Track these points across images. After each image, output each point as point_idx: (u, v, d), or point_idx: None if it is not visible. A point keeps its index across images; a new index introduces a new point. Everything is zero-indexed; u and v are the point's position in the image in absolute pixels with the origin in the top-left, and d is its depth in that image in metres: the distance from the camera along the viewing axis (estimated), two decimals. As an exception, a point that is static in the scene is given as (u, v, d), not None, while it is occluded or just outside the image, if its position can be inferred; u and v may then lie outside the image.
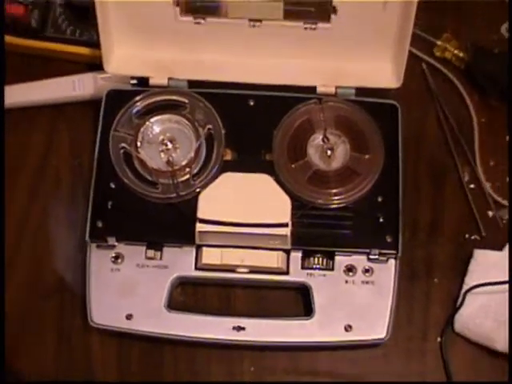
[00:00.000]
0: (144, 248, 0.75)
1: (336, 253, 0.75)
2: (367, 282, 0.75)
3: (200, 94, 0.78)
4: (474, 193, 0.81)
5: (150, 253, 0.75)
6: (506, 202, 0.80)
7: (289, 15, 0.76)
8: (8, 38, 0.83)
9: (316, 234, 0.75)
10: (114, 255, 0.75)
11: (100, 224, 0.75)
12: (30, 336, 0.76)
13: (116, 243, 0.75)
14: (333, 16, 0.76)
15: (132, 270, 0.75)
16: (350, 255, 0.75)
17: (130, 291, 0.74)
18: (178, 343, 0.75)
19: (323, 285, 0.74)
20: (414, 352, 0.76)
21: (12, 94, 0.82)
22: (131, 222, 0.75)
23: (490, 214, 0.80)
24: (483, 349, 0.76)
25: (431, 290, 0.78)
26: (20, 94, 0.83)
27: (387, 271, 0.75)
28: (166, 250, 0.75)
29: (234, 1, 0.75)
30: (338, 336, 0.73)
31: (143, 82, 0.80)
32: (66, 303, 0.77)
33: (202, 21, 0.77)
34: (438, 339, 0.76)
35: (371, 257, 0.75)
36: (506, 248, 0.78)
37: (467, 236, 0.80)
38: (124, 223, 0.75)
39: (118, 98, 0.78)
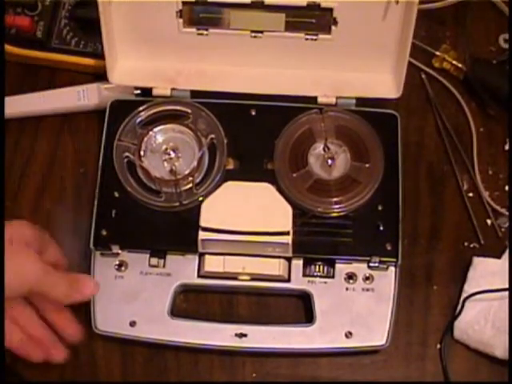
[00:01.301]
0: (147, 256, 0.76)
1: (336, 260, 0.75)
2: (367, 290, 0.75)
3: (202, 104, 0.79)
4: (473, 201, 0.81)
5: (154, 260, 0.75)
6: (504, 211, 0.81)
7: (290, 26, 0.77)
8: (14, 49, 0.84)
9: (317, 241, 0.75)
10: (117, 263, 0.76)
11: (104, 232, 0.75)
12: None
13: (120, 251, 0.76)
14: (333, 27, 0.76)
15: (135, 278, 0.75)
16: (350, 263, 0.75)
17: (133, 298, 0.75)
18: (181, 349, 0.75)
19: (324, 292, 0.75)
20: (413, 358, 0.76)
21: (18, 103, 0.83)
22: (135, 230, 0.76)
23: (489, 222, 0.81)
24: (482, 355, 0.76)
25: (431, 297, 0.78)
26: (26, 104, 0.83)
27: (387, 278, 0.75)
28: (169, 257, 0.76)
29: (236, 12, 0.76)
30: (339, 342, 0.74)
31: (147, 92, 0.80)
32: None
33: (205, 32, 0.78)
34: (438, 346, 0.76)
35: (371, 264, 0.75)
36: (505, 256, 0.78)
37: (466, 244, 0.80)
38: (128, 231, 0.76)
39: (121, 108, 0.79)
